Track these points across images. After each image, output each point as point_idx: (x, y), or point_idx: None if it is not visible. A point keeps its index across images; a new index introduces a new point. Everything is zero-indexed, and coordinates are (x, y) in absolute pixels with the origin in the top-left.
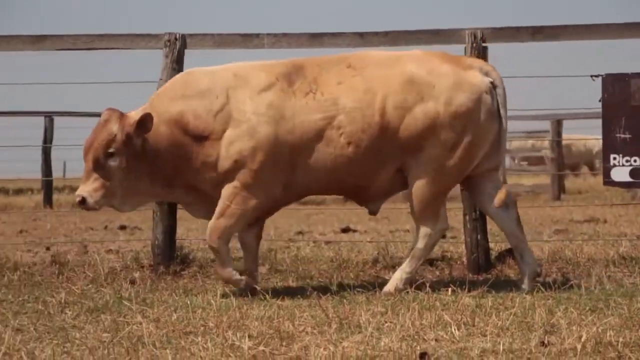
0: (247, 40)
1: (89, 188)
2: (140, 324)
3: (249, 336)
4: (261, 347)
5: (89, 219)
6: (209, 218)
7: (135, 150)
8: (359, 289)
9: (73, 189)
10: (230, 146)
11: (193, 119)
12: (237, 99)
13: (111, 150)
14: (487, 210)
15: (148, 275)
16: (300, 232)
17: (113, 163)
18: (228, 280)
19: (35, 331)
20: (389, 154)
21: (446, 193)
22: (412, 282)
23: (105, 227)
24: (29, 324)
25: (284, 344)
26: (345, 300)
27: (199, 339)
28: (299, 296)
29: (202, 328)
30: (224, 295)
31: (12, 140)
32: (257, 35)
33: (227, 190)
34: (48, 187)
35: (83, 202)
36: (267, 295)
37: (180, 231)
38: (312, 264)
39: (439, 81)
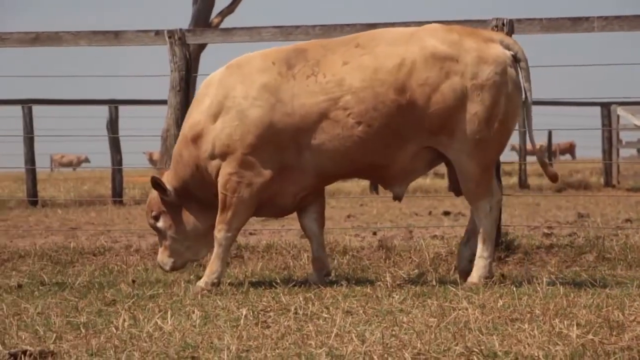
0: (577, 24)
1: (160, 256)
2: (466, 309)
3: (577, 324)
4: (590, 336)
5: (414, 204)
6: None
7: (173, 203)
8: None
9: None
10: (221, 133)
11: (189, 129)
12: (227, 88)
13: (154, 213)
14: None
15: None
16: (628, 220)
17: (161, 224)
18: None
19: (364, 314)
20: (409, 132)
21: (492, 167)
22: None
23: (430, 213)
24: (358, 307)
25: (613, 333)
26: None
27: (525, 326)
28: (628, 285)
29: (528, 315)
30: (550, 283)
31: None
32: (587, 18)
33: (220, 179)
34: None
35: (166, 270)
36: (595, 284)
37: (504, 217)
38: None
39: (463, 55)
